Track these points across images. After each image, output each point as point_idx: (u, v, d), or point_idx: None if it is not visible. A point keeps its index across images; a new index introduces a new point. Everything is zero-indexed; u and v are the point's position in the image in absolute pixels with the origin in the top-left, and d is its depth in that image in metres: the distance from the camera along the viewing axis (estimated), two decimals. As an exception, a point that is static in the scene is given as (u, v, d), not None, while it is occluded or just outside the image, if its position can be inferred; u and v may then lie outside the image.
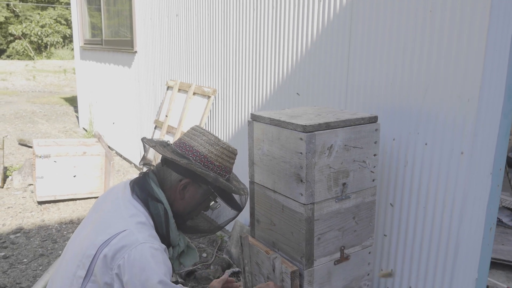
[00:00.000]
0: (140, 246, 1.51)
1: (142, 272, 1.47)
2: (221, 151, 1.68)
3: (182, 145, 1.70)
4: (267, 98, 2.94)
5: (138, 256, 1.49)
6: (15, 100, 10.92)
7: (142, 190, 1.66)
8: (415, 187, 1.99)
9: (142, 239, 1.52)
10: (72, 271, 1.58)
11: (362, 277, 1.90)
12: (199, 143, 1.69)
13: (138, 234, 1.54)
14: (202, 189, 1.69)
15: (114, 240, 1.52)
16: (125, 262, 1.48)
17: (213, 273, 3.04)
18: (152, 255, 1.51)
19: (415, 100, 1.94)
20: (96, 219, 1.65)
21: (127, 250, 1.49)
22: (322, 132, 1.61)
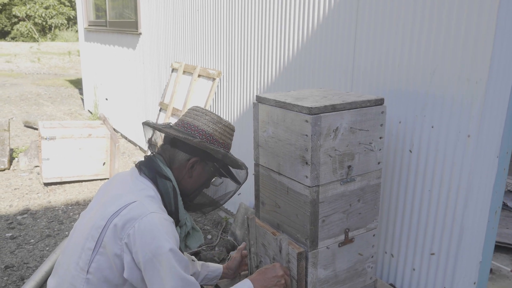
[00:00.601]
0: (150, 216, 1.52)
1: (153, 241, 1.49)
2: (223, 128, 1.75)
3: (186, 126, 1.72)
4: (272, 80, 2.92)
5: (148, 225, 1.50)
6: (20, 82, 10.93)
7: (149, 169, 1.69)
8: (421, 170, 1.98)
9: (152, 209, 1.55)
10: (81, 244, 1.59)
11: (366, 259, 1.91)
12: (203, 122, 1.73)
13: (148, 205, 1.56)
14: (209, 167, 1.75)
15: (124, 210, 1.54)
16: (135, 232, 1.49)
17: (218, 254, 3.06)
18: (162, 224, 1.53)
19: (422, 82, 1.92)
20: (104, 199, 1.67)
21: (138, 220, 1.51)
22: (327, 115, 1.60)
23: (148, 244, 1.49)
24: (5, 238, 3.41)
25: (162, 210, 1.61)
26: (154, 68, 4.97)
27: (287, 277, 1.75)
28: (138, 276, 1.55)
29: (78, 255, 1.59)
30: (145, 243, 1.49)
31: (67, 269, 1.62)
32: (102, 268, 1.56)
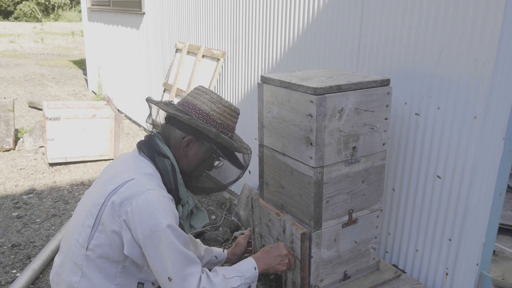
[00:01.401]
0: (148, 192, 1.53)
1: (150, 217, 1.50)
2: (223, 109, 1.71)
3: (185, 104, 1.72)
4: (277, 60, 2.90)
5: (146, 202, 1.51)
6: (24, 63, 10.90)
7: (148, 147, 1.69)
8: (426, 151, 1.98)
9: (149, 186, 1.56)
10: (81, 222, 1.62)
11: (369, 240, 1.91)
12: (201, 101, 1.70)
13: (146, 183, 1.57)
14: (205, 147, 1.72)
15: (122, 188, 1.55)
16: (133, 208, 1.51)
17: (222, 234, 3.08)
18: (160, 201, 1.54)
19: (428, 63, 1.90)
20: (104, 177, 1.68)
21: (135, 197, 1.52)
22: (333, 95, 1.59)
23: (146, 221, 1.50)
24: (11, 217, 3.44)
25: (161, 188, 1.62)
26: (158, 49, 4.94)
27: (290, 256, 1.76)
28: (139, 253, 1.57)
29: (78, 233, 1.61)
30: (142, 220, 1.50)
31: (69, 247, 1.64)
32: (102, 245, 1.58)
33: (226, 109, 1.73)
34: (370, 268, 1.97)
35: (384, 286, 1.92)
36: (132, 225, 1.52)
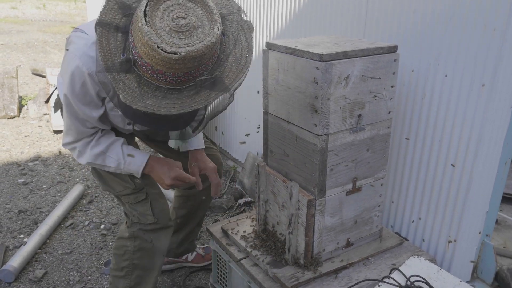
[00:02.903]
0: (75, 58, 1.53)
1: (63, 75, 1.60)
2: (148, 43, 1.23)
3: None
4: (282, 27, 2.84)
5: (66, 62, 1.56)
6: (26, 29, 10.79)
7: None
8: (432, 120, 1.96)
9: (80, 55, 1.51)
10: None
11: (373, 208, 1.92)
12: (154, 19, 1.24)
13: (80, 48, 1.53)
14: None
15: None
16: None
17: (226, 202, 3.11)
18: (74, 73, 1.53)
19: (437, 29, 1.86)
20: None
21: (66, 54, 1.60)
22: (339, 62, 1.56)
23: (61, 75, 1.67)
24: (17, 184, 3.48)
25: (91, 61, 1.47)
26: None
27: (178, 182, 1.76)
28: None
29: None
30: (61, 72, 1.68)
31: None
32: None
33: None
34: (373, 236, 1.99)
35: (386, 253, 1.94)
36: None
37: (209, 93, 1.31)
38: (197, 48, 1.21)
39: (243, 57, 1.36)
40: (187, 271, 2.48)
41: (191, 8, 1.24)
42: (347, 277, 1.80)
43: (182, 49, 1.20)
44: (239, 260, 1.92)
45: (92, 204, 3.18)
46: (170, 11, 1.22)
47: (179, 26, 1.21)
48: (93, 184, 3.48)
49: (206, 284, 2.38)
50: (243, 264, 1.89)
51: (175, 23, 1.22)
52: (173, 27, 1.21)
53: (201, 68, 1.29)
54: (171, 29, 1.21)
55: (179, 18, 1.22)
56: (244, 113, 3.45)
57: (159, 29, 1.21)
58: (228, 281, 2.06)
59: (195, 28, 1.23)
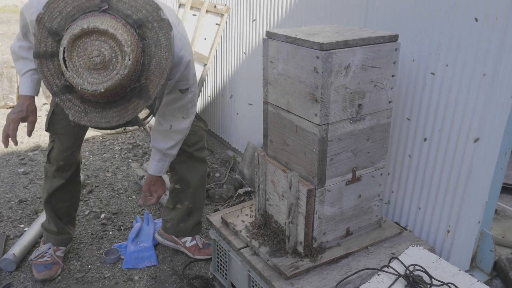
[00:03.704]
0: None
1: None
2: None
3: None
4: (283, 16, 2.83)
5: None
6: (25, 19, 10.72)
7: None
8: (432, 109, 1.95)
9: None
10: None
11: (372, 198, 1.93)
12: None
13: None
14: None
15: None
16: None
17: (226, 192, 3.12)
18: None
19: (439, 18, 1.84)
20: None
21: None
22: (339, 51, 1.55)
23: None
24: (17, 173, 3.48)
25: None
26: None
27: (10, 123, 1.97)
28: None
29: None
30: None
31: None
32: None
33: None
34: (373, 225, 1.99)
35: (385, 243, 1.95)
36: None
37: (138, 101, 1.49)
38: (114, 81, 1.40)
39: (163, 58, 1.47)
40: (187, 261, 2.49)
41: (103, 46, 1.38)
42: (346, 266, 1.81)
43: (101, 85, 1.40)
44: (239, 249, 1.93)
45: (92, 194, 3.19)
46: (85, 49, 1.38)
47: (95, 64, 1.39)
48: (93, 174, 3.48)
49: (206, 273, 2.39)
50: (243, 253, 1.90)
51: (91, 61, 1.38)
52: (90, 66, 1.39)
53: (126, 85, 1.45)
54: (89, 67, 1.39)
55: (94, 57, 1.38)
56: (243, 103, 3.44)
57: (79, 68, 1.40)
58: (228, 270, 2.07)
59: (109, 62, 1.39)
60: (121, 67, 1.40)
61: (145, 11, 1.47)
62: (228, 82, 3.64)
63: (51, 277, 2.32)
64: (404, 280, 1.67)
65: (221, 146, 3.94)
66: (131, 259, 2.44)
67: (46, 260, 2.35)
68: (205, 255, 2.48)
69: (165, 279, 2.36)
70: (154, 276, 2.37)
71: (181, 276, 2.37)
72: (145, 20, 1.46)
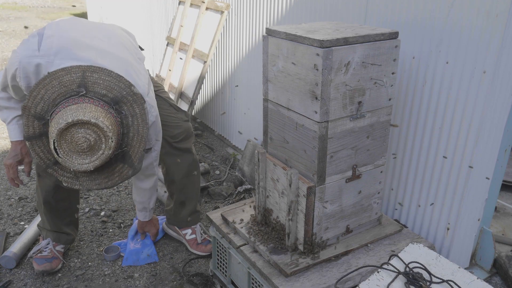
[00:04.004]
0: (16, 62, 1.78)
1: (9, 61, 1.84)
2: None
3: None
4: (282, 13, 2.82)
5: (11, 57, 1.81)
6: (25, 16, 10.71)
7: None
8: (432, 107, 1.95)
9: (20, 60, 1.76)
10: None
11: (372, 195, 1.92)
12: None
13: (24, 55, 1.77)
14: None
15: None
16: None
17: (226, 189, 3.12)
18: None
19: (439, 15, 1.84)
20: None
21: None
22: (339, 48, 1.55)
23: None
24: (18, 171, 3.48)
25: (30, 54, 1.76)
26: (160, 1, 4.82)
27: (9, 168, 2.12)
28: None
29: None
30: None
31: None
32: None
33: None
34: (372, 223, 1.99)
35: (385, 240, 1.95)
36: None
37: (122, 165, 1.73)
38: (101, 160, 1.65)
39: (140, 127, 1.71)
40: (187, 258, 2.49)
41: (87, 132, 1.60)
42: (346, 263, 1.81)
43: (90, 164, 1.64)
44: (239, 247, 1.93)
45: (92, 191, 3.19)
46: (72, 138, 1.59)
47: (83, 149, 1.61)
48: (93, 171, 3.48)
49: (206, 270, 2.39)
50: (243, 251, 1.90)
51: (79, 147, 1.61)
52: (79, 150, 1.62)
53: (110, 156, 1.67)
54: (78, 152, 1.62)
55: (81, 143, 1.60)
56: (243, 101, 3.44)
57: (69, 153, 1.62)
58: (228, 268, 2.07)
59: (95, 145, 1.62)
60: (105, 148, 1.63)
61: (118, 89, 1.68)
62: (228, 80, 3.64)
63: (52, 269, 2.33)
64: (404, 277, 1.67)
65: (221, 143, 3.94)
66: (131, 256, 2.44)
67: (46, 255, 2.35)
68: (201, 251, 2.50)
69: (165, 276, 2.36)
70: (154, 273, 2.38)
71: (181, 273, 2.37)
72: (120, 96, 1.68)
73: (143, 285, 2.29)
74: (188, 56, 3.82)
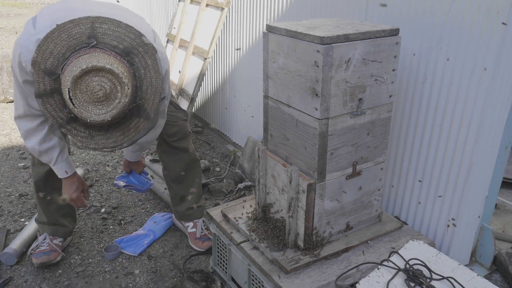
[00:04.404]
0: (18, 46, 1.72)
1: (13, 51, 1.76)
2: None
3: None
4: (283, 10, 2.82)
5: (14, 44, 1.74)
6: (25, 13, 10.70)
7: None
8: (433, 104, 1.95)
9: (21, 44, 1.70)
10: None
11: (372, 192, 1.93)
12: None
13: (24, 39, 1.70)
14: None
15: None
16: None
17: (226, 186, 3.12)
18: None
19: (440, 12, 1.84)
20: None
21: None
22: (340, 45, 1.55)
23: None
24: (18, 168, 3.49)
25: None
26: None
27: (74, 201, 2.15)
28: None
29: None
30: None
31: None
32: None
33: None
34: (373, 220, 1.99)
35: (385, 237, 1.95)
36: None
37: (137, 120, 1.64)
38: (118, 109, 1.56)
39: (154, 78, 1.62)
40: (187, 255, 2.49)
41: (102, 80, 1.52)
42: (346, 260, 1.81)
43: (107, 114, 1.55)
44: (239, 244, 1.93)
45: (93, 188, 3.19)
46: (87, 86, 1.51)
47: (99, 98, 1.53)
48: (93, 168, 3.48)
49: (206, 267, 2.39)
50: (243, 248, 1.90)
51: (94, 96, 1.52)
52: (95, 99, 1.53)
53: (126, 109, 1.60)
54: (93, 101, 1.53)
55: (96, 91, 1.52)
56: (244, 97, 3.44)
57: (85, 103, 1.53)
58: (228, 264, 2.07)
59: (111, 93, 1.54)
60: (122, 96, 1.54)
61: (129, 39, 1.60)
62: (228, 76, 3.64)
63: (50, 261, 2.33)
64: (404, 274, 1.68)
65: (221, 140, 3.94)
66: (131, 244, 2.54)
67: (44, 249, 2.36)
68: (197, 246, 2.52)
69: (165, 273, 2.36)
70: (154, 270, 2.38)
71: (181, 270, 2.38)
72: (131, 47, 1.60)
73: (143, 282, 2.30)
74: (188, 53, 3.82)
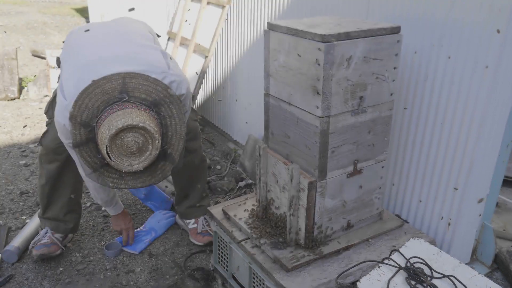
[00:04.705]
0: (59, 118, 1.87)
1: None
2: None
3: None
4: (284, 8, 2.81)
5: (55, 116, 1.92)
6: (26, 11, 10.69)
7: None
8: (434, 102, 1.95)
9: (59, 117, 1.86)
10: None
11: (373, 190, 1.92)
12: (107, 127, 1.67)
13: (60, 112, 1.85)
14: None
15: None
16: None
17: (227, 184, 3.12)
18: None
19: (441, 10, 1.83)
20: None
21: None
22: (341, 42, 1.55)
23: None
24: (19, 165, 3.49)
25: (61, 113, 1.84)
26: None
27: (122, 233, 2.48)
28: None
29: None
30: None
31: None
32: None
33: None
34: (373, 218, 1.99)
35: (386, 235, 1.95)
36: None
37: (164, 163, 1.79)
38: (150, 160, 1.71)
39: (178, 126, 1.78)
40: (188, 253, 2.49)
41: (136, 136, 1.66)
42: (347, 258, 1.81)
43: (140, 165, 1.71)
44: (240, 242, 1.93)
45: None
46: (122, 142, 1.66)
47: (133, 152, 1.68)
48: (94, 166, 3.48)
49: (207, 265, 2.40)
50: (244, 246, 1.90)
51: (129, 150, 1.67)
52: (129, 153, 1.68)
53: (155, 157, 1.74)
54: (127, 154, 1.69)
55: (131, 146, 1.67)
56: (245, 95, 3.44)
57: (120, 156, 1.68)
58: (229, 262, 2.08)
59: (143, 147, 1.69)
60: (152, 148, 1.69)
61: (156, 92, 1.75)
62: (229, 74, 3.63)
63: (50, 253, 2.34)
64: (404, 272, 1.68)
65: (222, 138, 3.94)
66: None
67: (45, 242, 2.38)
68: (198, 240, 2.53)
69: (166, 271, 2.36)
70: (155, 267, 2.38)
71: (182, 268, 2.38)
72: (159, 99, 1.74)
73: (144, 280, 2.30)
74: (189, 51, 3.81)
